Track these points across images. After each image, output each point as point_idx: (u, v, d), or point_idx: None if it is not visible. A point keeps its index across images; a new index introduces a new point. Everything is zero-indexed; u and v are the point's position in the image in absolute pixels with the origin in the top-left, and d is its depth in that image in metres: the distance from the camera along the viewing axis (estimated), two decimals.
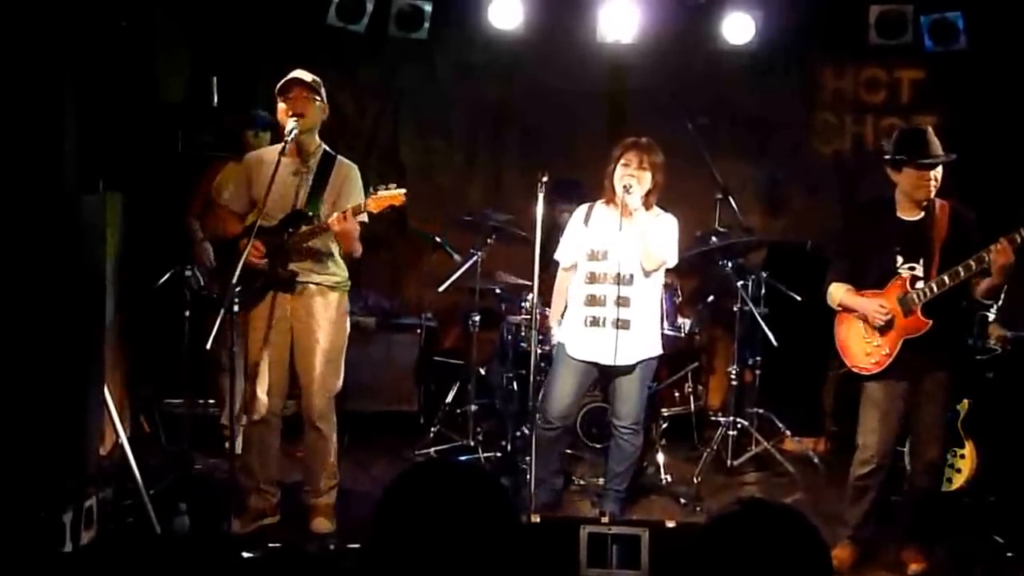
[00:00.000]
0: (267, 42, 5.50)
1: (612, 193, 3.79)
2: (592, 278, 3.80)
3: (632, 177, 3.71)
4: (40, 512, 3.15)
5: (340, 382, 3.76)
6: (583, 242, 3.85)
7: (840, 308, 3.55)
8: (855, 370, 3.52)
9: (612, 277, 3.74)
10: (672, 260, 3.89)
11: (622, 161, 3.75)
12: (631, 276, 3.75)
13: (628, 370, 3.78)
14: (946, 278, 3.31)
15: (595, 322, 3.76)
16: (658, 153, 3.78)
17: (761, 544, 1.36)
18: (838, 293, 3.54)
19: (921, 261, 3.39)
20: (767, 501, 1.45)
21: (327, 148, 3.72)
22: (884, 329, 3.42)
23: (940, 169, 3.39)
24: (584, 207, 3.92)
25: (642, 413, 3.89)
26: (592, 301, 3.78)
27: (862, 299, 3.47)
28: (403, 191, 3.56)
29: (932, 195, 3.40)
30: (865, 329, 3.48)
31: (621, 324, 3.71)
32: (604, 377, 3.90)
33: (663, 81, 5.43)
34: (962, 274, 3.28)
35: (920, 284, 3.37)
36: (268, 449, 3.79)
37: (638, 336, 3.76)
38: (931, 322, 3.35)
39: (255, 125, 4.59)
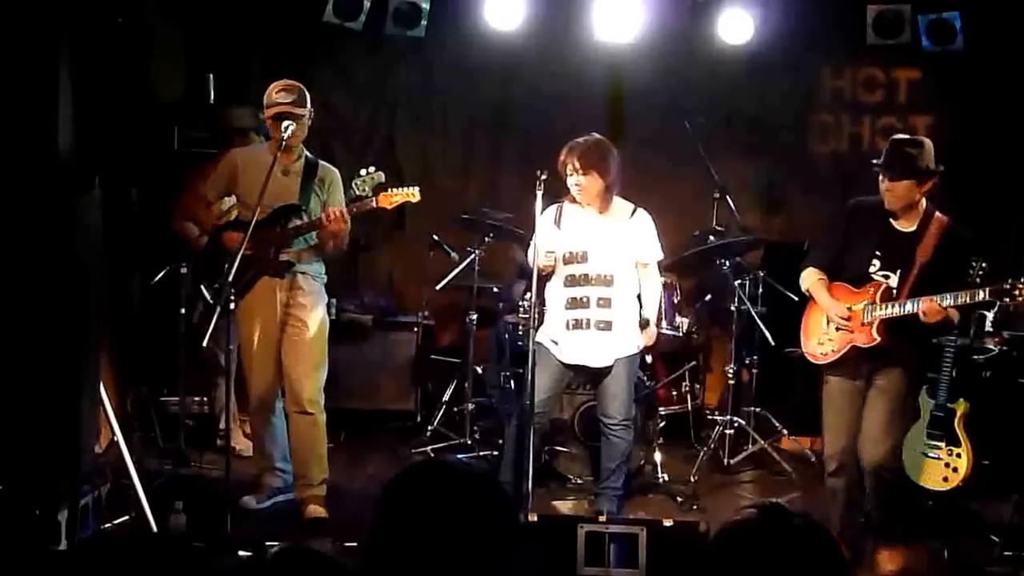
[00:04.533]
0: (264, 39, 5.49)
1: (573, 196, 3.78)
2: (572, 280, 3.75)
3: (577, 186, 3.68)
4: (36, 510, 3.14)
5: (326, 372, 3.87)
6: (559, 245, 3.78)
7: (808, 294, 3.57)
8: (806, 355, 3.56)
9: (594, 279, 3.73)
10: (660, 255, 3.89)
11: (567, 170, 3.71)
12: (612, 277, 3.73)
13: (610, 370, 3.78)
14: (909, 306, 3.28)
15: (578, 324, 3.73)
16: (596, 149, 3.67)
17: (779, 556, 1.34)
18: (810, 280, 3.55)
19: (898, 272, 3.36)
20: (786, 508, 1.42)
21: (307, 153, 3.88)
22: (840, 328, 3.44)
23: (911, 185, 3.32)
24: (552, 208, 3.81)
25: (631, 409, 3.89)
26: (574, 304, 3.74)
27: (827, 297, 3.47)
28: (416, 189, 3.77)
29: (895, 206, 3.35)
30: (825, 320, 3.50)
31: (604, 326, 3.71)
32: (590, 376, 3.90)
33: (661, 81, 5.43)
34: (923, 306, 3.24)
35: (894, 302, 3.33)
36: (278, 432, 3.90)
37: (619, 336, 3.76)
38: (878, 339, 3.34)
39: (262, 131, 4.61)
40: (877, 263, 3.41)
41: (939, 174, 3.39)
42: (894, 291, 3.37)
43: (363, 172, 3.84)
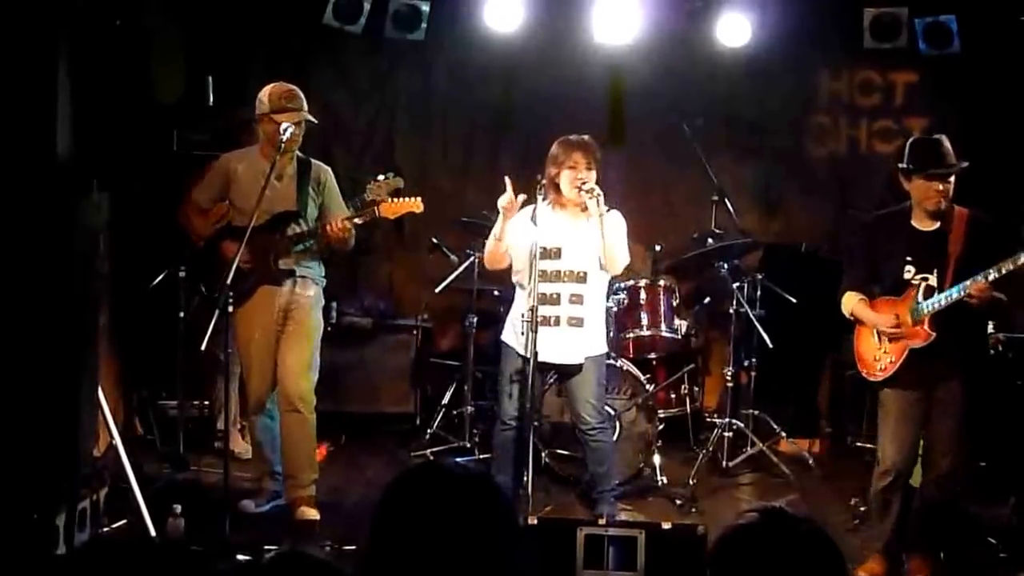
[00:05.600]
0: (263, 42, 5.50)
1: (558, 195, 3.74)
2: (544, 276, 3.72)
3: (584, 181, 3.65)
4: (33, 514, 3.13)
5: (317, 375, 3.87)
6: (534, 240, 3.71)
7: (852, 318, 3.54)
8: (865, 375, 3.53)
9: (566, 275, 3.72)
10: (627, 259, 3.84)
11: (569, 164, 3.67)
12: (585, 274, 3.73)
13: (578, 369, 3.76)
14: (954, 292, 3.27)
15: (547, 321, 3.70)
16: (599, 149, 3.74)
17: (781, 561, 1.34)
18: (850, 303, 3.52)
19: (935, 272, 3.36)
20: (789, 513, 1.42)
21: (299, 153, 3.84)
22: (893, 338, 3.42)
23: (952, 179, 3.36)
24: (531, 208, 3.78)
25: (604, 409, 3.90)
26: (544, 299, 3.70)
27: (872, 312, 3.46)
28: (419, 199, 3.74)
29: (941, 205, 3.37)
30: (877, 336, 3.48)
31: (576, 322, 3.71)
32: (557, 378, 3.89)
33: (659, 83, 5.44)
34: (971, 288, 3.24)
35: (937, 295, 3.33)
36: (276, 436, 3.89)
37: (589, 334, 3.75)
38: (934, 334, 3.32)
39: None
40: (912, 269, 3.40)
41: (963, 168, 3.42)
42: (935, 290, 3.36)
43: (380, 177, 3.77)
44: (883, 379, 3.45)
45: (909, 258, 3.40)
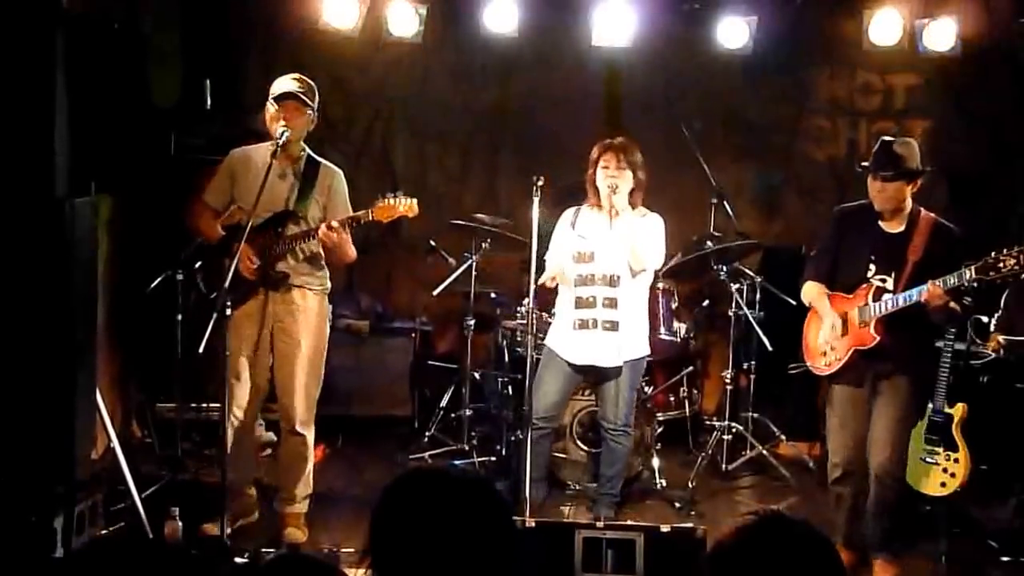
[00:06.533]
0: (260, 45, 5.50)
1: (596, 196, 3.81)
2: (580, 280, 3.79)
3: (614, 178, 3.72)
4: (31, 517, 3.12)
5: (320, 388, 3.74)
6: (570, 245, 3.84)
7: (810, 305, 3.60)
8: (810, 367, 3.58)
9: (600, 279, 3.76)
10: (658, 262, 3.89)
11: (601, 163, 3.76)
12: (618, 277, 3.76)
13: (616, 372, 3.78)
14: (899, 299, 3.29)
15: (584, 324, 3.76)
16: (635, 152, 3.80)
17: (779, 564, 1.34)
18: (811, 292, 3.59)
19: (892, 274, 3.38)
20: (787, 516, 1.42)
21: (311, 153, 3.73)
22: (841, 335, 3.45)
23: (902, 185, 3.34)
24: (571, 211, 3.92)
25: (631, 414, 3.91)
26: (581, 303, 3.77)
27: (827, 307, 3.50)
28: (414, 201, 3.59)
29: (887, 206, 3.38)
30: (826, 331, 3.51)
31: (610, 326, 3.72)
32: (594, 379, 3.90)
33: (658, 85, 5.44)
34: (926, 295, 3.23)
35: (886, 297, 3.34)
36: (246, 451, 3.78)
37: (626, 337, 3.78)
38: (879, 339, 3.34)
39: None
40: (873, 267, 3.43)
41: (926, 174, 3.41)
42: (886, 292, 3.37)
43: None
44: (828, 374, 3.50)
45: (872, 257, 3.43)
